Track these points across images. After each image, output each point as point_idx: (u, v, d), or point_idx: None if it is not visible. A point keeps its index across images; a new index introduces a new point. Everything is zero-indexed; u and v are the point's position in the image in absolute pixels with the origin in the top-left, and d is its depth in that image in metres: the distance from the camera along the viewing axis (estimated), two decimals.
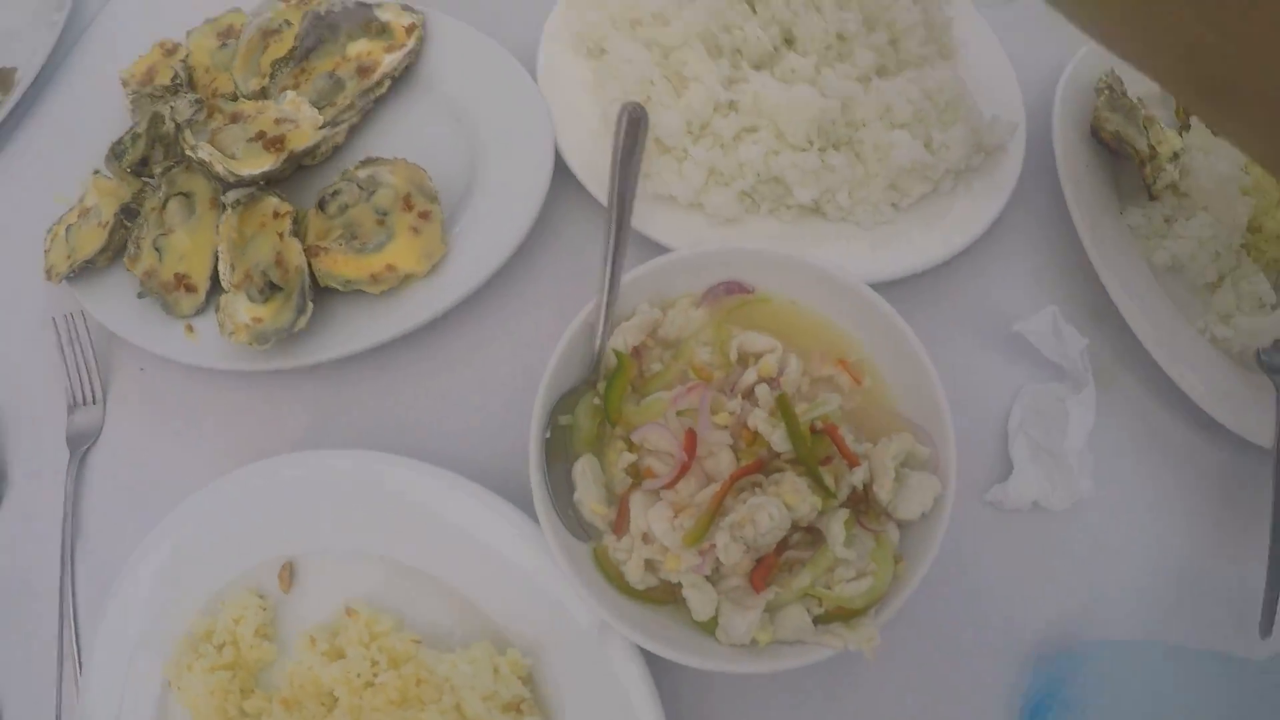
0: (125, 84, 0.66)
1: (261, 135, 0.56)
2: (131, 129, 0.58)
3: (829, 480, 0.46)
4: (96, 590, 0.55)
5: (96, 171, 0.64)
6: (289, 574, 0.50)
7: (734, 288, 0.51)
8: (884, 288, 0.50)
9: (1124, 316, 0.56)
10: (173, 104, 0.58)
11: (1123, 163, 0.61)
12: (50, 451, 0.60)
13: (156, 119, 0.58)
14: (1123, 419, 0.56)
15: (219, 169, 0.54)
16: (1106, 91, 0.61)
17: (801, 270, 0.50)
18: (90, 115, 0.71)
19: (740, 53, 0.56)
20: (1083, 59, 0.63)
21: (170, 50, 0.67)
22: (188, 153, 0.55)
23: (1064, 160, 0.58)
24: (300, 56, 0.61)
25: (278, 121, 0.57)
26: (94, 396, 0.59)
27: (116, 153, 0.59)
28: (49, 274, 0.59)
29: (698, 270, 0.50)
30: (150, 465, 0.57)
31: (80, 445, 0.58)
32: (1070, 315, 0.56)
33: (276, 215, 0.54)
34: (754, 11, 0.57)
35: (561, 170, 0.55)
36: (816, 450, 0.46)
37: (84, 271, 0.59)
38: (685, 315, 0.50)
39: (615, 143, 0.50)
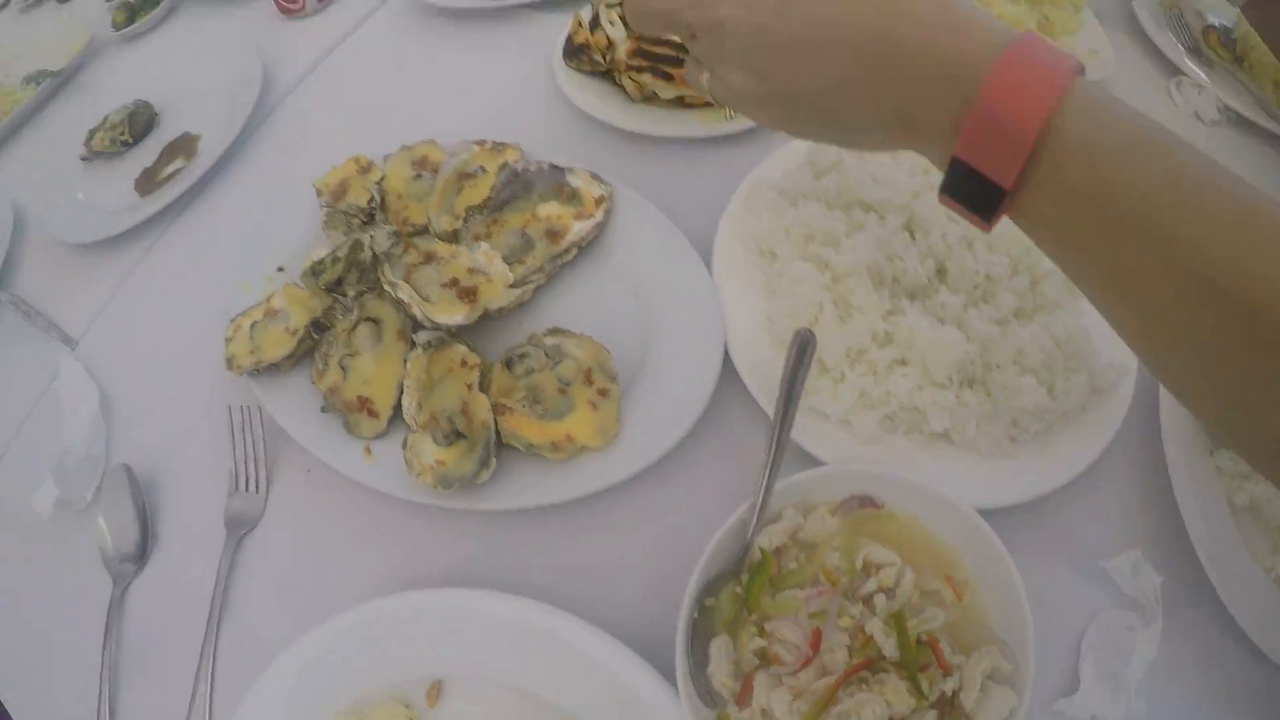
0: (319, 193, 0.74)
1: (455, 283, 0.65)
2: (333, 252, 0.67)
3: (925, 686, 0.53)
4: (236, 665, 0.62)
5: (280, 268, 0.71)
6: (436, 692, 0.58)
7: (866, 502, 0.59)
8: (991, 513, 0.58)
9: (1197, 552, 0.63)
10: (373, 234, 0.66)
11: None
12: (204, 525, 0.68)
13: (357, 246, 0.65)
14: (1183, 645, 0.64)
15: (416, 312, 0.62)
16: None
17: (925, 495, 0.58)
18: (271, 203, 0.80)
19: (898, 281, 0.65)
20: None
21: (365, 168, 0.75)
22: (386, 288, 0.63)
23: (1166, 400, 0.66)
24: (494, 207, 0.69)
25: (470, 271, 0.65)
26: (257, 486, 0.66)
27: (315, 271, 0.67)
28: (229, 363, 0.68)
29: (838, 483, 0.58)
30: (304, 564, 0.65)
31: (238, 529, 0.66)
32: (1149, 548, 0.64)
33: (464, 364, 0.63)
34: (913, 239, 0.66)
35: (726, 362, 0.64)
36: (919, 658, 0.54)
37: (266, 370, 0.66)
38: (822, 522, 0.58)
39: (787, 364, 0.59)
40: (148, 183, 0.89)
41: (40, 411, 0.81)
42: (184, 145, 0.91)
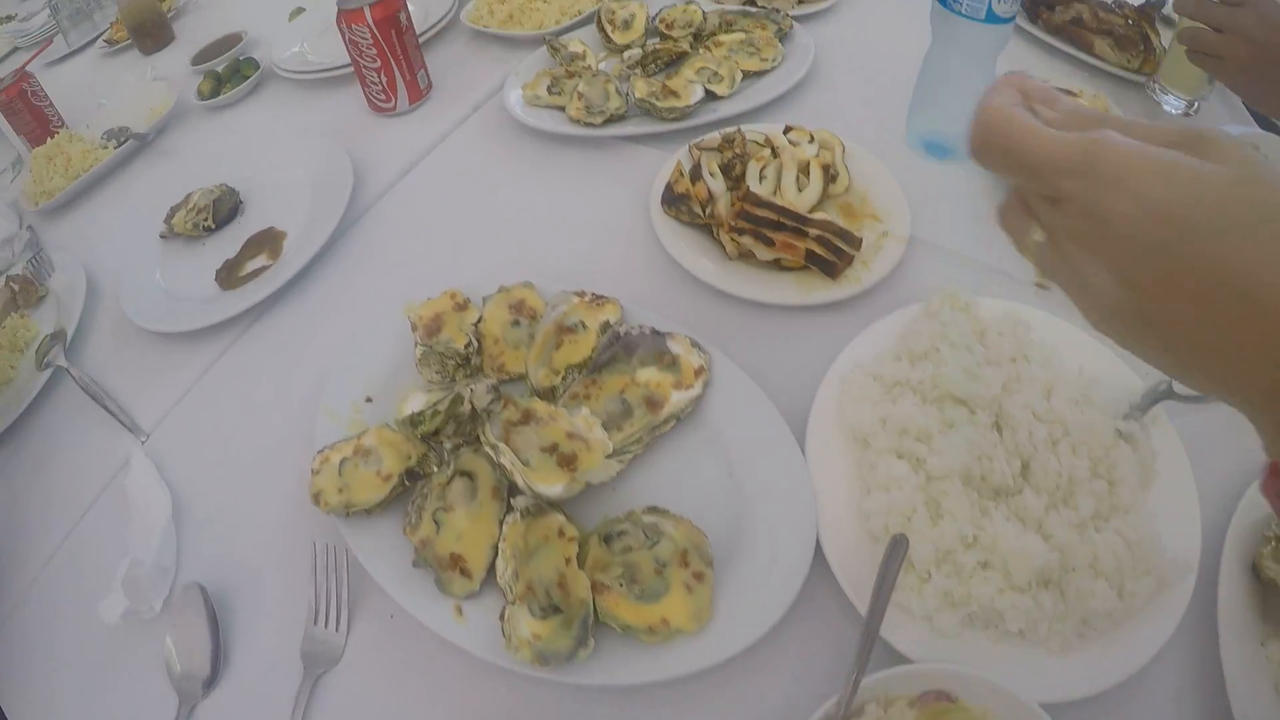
0: (413, 326, 0.73)
1: (554, 447, 0.65)
2: (433, 405, 0.67)
3: None
4: None
5: (369, 399, 0.72)
6: None
7: (942, 696, 0.60)
8: (1055, 706, 0.59)
9: None
10: (473, 387, 0.66)
11: (1274, 598, 0.70)
12: (280, 656, 0.67)
13: (457, 400, 0.65)
14: None
15: (518, 480, 0.62)
16: (1274, 542, 0.69)
17: (996, 692, 0.61)
18: (359, 320, 0.80)
19: (985, 480, 0.66)
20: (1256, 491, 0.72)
21: (461, 305, 0.75)
22: (486, 449, 0.64)
23: (1225, 596, 0.67)
24: (593, 368, 0.69)
25: (570, 436, 0.65)
26: (337, 624, 0.65)
27: (413, 421, 0.66)
28: (316, 499, 0.67)
29: (918, 679, 0.59)
30: (382, 712, 0.64)
31: (316, 667, 0.65)
32: None
33: (561, 534, 0.63)
34: (1000, 436, 0.68)
35: (817, 550, 0.64)
36: None
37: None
38: (901, 714, 0.59)
39: (881, 569, 0.59)
40: (230, 277, 0.88)
41: (106, 501, 0.80)
42: (269, 241, 0.90)
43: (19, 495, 0.86)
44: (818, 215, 0.78)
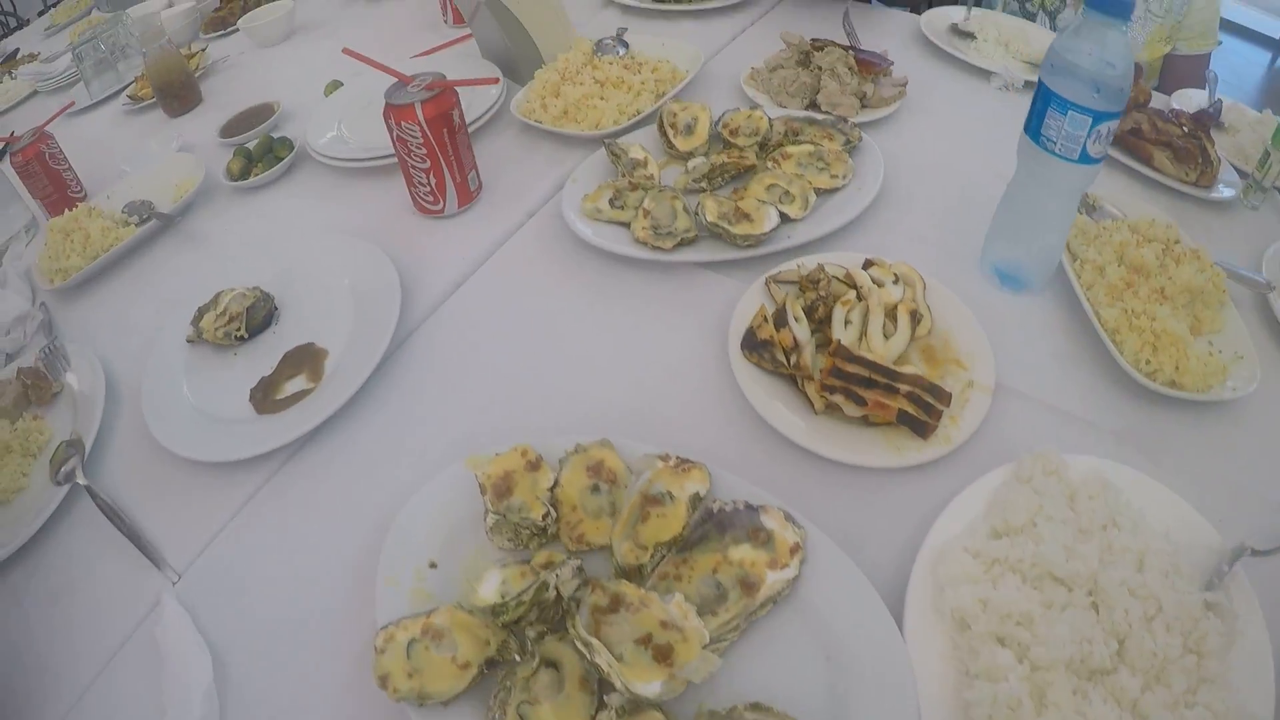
0: (481, 488, 0.67)
1: (648, 639, 0.59)
2: (517, 595, 0.61)
3: None
4: None
5: (433, 564, 0.65)
6: None
7: None
8: None
9: None
10: (558, 573, 0.61)
11: None
12: None
13: (542, 587, 0.59)
14: None
15: (616, 681, 0.57)
16: None
17: None
18: (415, 461, 0.75)
19: (1084, 662, 0.64)
20: None
21: (533, 464, 0.70)
22: (578, 646, 0.58)
23: None
24: (683, 546, 0.63)
25: (664, 625, 0.59)
26: None
27: (495, 611, 0.60)
28: (383, 683, 0.62)
29: None
30: None
31: None
32: None
33: None
34: (1097, 614, 0.65)
35: None
36: None
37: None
38: None
39: None
40: (265, 399, 0.80)
41: (136, 646, 0.72)
42: (309, 359, 0.82)
43: (35, 629, 0.78)
44: (908, 369, 0.74)
